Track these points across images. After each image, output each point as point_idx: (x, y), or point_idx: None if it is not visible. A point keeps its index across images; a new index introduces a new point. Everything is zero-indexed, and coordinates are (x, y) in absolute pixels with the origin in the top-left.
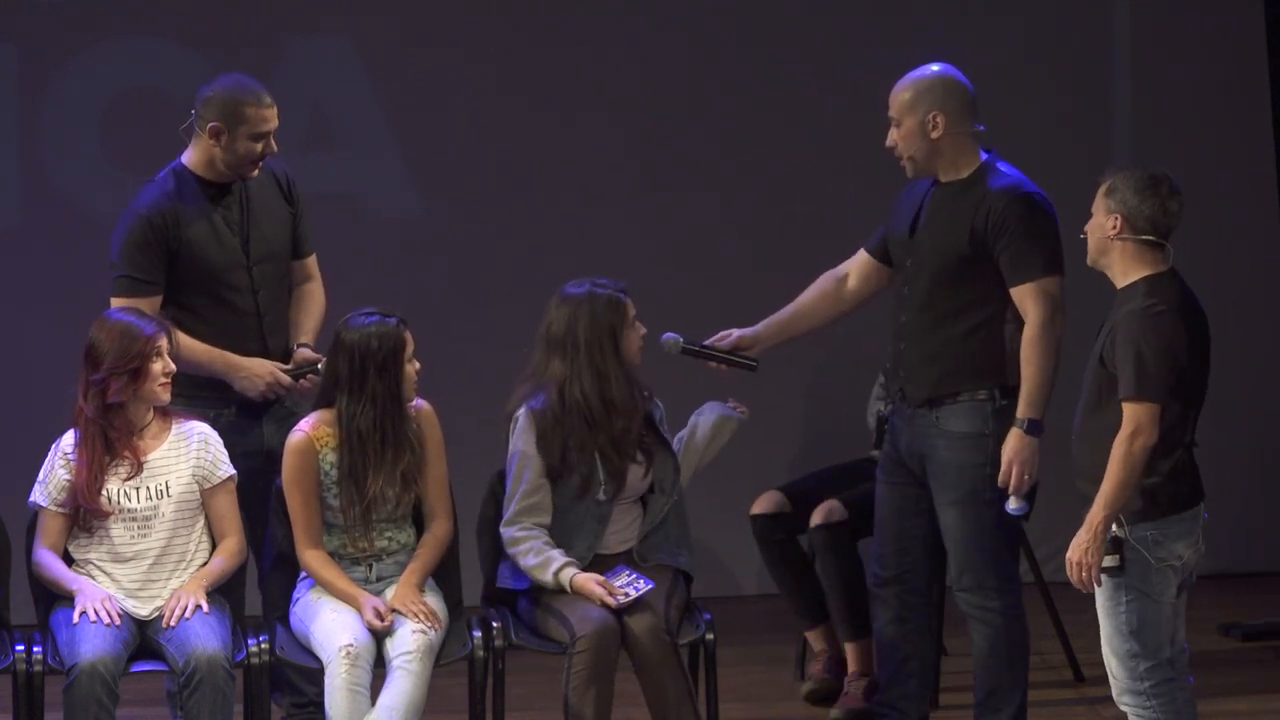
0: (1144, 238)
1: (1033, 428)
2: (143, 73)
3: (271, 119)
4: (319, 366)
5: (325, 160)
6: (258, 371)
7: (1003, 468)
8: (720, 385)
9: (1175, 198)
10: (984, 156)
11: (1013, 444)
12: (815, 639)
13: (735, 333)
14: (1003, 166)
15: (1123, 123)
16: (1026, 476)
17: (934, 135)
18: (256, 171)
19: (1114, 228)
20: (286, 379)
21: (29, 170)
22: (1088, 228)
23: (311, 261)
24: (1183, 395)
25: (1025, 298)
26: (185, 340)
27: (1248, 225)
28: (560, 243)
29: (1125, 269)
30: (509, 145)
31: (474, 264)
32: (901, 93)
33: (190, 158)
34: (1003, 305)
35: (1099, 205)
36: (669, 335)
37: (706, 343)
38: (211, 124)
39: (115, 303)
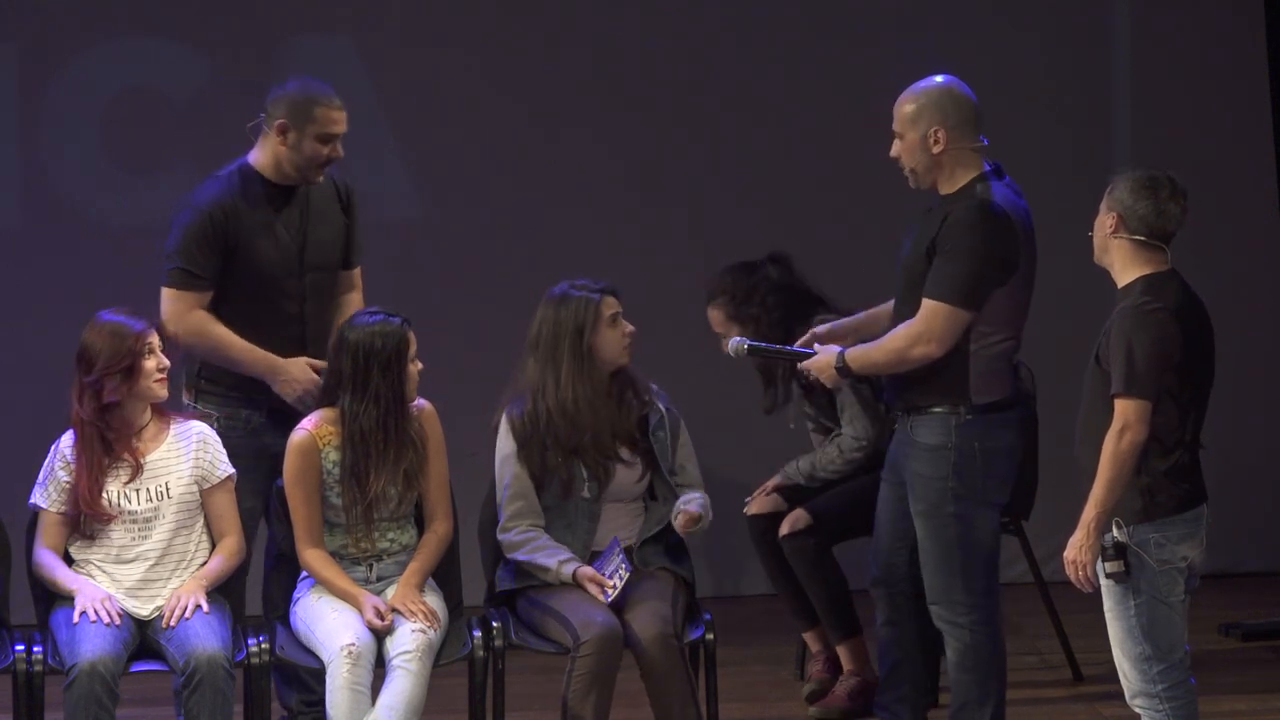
0: (1137, 238)
1: (844, 369)
2: (143, 73)
3: (340, 121)
4: None
5: None
6: (298, 376)
7: (811, 360)
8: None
9: (1175, 201)
10: (987, 168)
11: (825, 358)
12: (812, 640)
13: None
14: (995, 183)
15: (1122, 123)
16: (808, 375)
17: (935, 150)
18: (322, 176)
19: (1112, 226)
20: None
21: (29, 170)
22: (1094, 225)
23: (357, 273)
24: (1180, 395)
25: (921, 310)
26: (230, 337)
27: (1248, 225)
28: (560, 244)
29: (1124, 267)
30: (509, 146)
31: (474, 265)
32: (904, 105)
33: (256, 157)
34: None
35: (1103, 203)
36: (736, 339)
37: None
38: (279, 121)
39: (166, 294)
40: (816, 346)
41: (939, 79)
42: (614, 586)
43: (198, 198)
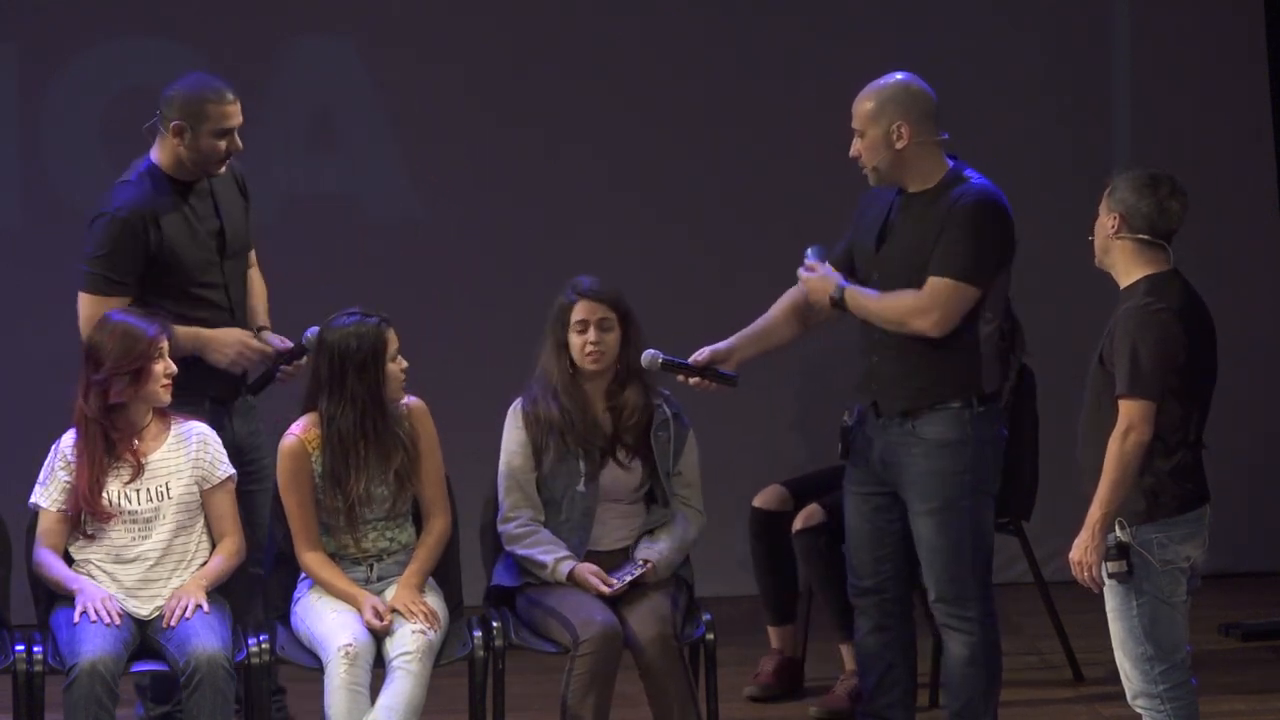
0: (1141, 237)
1: (839, 301)
2: (143, 73)
3: (234, 115)
4: (303, 357)
5: (325, 161)
6: (226, 340)
7: (810, 278)
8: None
9: (1176, 199)
10: (951, 164)
11: (823, 282)
12: (775, 636)
13: (708, 349)
14: (970, 174)
15: (1122, 123)
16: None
17: (899, 145)
18: (223, 169)
19: (1114, 226)
20: (255, 344)
21: (29, 170)
22: (1094, 228)
23: (253, 254)
24: (1183, 395)
25: (928, 286)
26: None
27: (1248, 225)
28: (560, 244)
29: (1127, 268)
30: (509, 148)
31: (473, 265)
32: (865, 102)
33: (158, 157)
34: (974, 313)
35: (1102, 205)
36: (650, 352)
37: (688, 360)
38: (175, 122)
39: (84, 300)
40: (802, 273)
41: (898, 75)
42: (619, 581)
43: (112, 205)
